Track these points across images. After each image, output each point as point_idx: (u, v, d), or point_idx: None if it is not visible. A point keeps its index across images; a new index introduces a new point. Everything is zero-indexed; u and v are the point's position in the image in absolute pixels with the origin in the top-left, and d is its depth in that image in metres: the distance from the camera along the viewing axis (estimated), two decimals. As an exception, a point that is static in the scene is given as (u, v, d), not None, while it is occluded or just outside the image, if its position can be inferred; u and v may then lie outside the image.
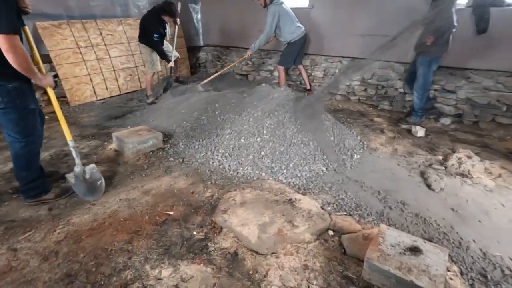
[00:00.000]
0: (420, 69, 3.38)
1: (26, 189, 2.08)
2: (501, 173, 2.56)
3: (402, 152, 2.96)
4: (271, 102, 2.89)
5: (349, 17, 4.28)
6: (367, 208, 2.10)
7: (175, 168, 2.62)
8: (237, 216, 1.87)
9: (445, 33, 3.12)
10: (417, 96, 3.50)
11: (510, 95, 3.40)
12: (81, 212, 2.04)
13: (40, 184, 2.11)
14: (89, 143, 3.07)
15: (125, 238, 1.80)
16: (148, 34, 3.91)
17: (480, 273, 1.60)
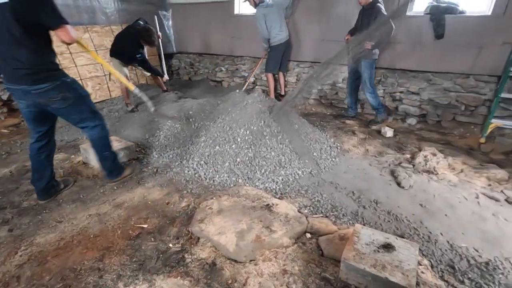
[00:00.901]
0: (366, 73, 3.64)
1: (113, 169, 2.38)
2: (463, 168, 2.73)
3: (373, 152, 3.08)
4: (245, 108, 2.90)
5: (317, 24, 4.42)
6: (342, 209, 2.15)
7: (148, 178, 2.54)
8: (214, 225, 1.84)
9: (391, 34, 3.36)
10: (371, 96, 3.75)
11: (467, 95, 3.66)
12: (46, 231, 1.91)
13: (119, 162, 2.44)
14: (55, 157, 2.89)
15: (96, 255, 1.70)
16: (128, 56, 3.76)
17: (448, 264, 1.68)
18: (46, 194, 2.21)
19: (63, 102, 1.91)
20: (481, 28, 3.35)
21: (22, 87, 1.79)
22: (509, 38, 3.23)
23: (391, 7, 3.77)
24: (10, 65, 1.75)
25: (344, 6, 4.11)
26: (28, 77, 1.76)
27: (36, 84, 1.78)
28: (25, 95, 1.84)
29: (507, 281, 1.57)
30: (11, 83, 1.83)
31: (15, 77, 1.78)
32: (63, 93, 1.88)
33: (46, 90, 1.82)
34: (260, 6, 4.14)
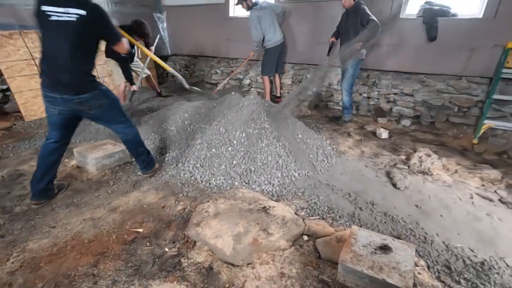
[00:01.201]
0: (351, 70, 3.72)
1: (147, 163, 2.52)
2: (457, 169, 2.76)
3: (369, 154, 3.09)
4: (241, 110, 2.89)
5: (312, 26, 4.45)
6: (339, 211, 2.15)
7: (143, 182, 2.51)
8: (210, 228, 1.82)
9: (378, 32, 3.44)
10: (347, 94, 3.86)
11: (459, 96, 3.71)
12: (38, 236, 1.87)
13: (152, 156, 2.57)
14: (48, 161, 2.85)
15: (90, 261, 1.68)
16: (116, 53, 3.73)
17: (444, 265, 1.69)
18: (42, 196, 2.18)
19: (100, 109, 2.08)
20: (473, 31, 3.40)
21: (65, 96, 1.92)
22: (500, 41, 3.28)
23: (385, 10, 3.83)
24: (57, 75, 1.87)
25: (338, 9, 4.14)
26: (72, 87, 1.92)
27: (79, 94, 1.94)
28: (64, 103, 1.95)
29: (502, 280, 1.59)
30: (53, 91, 1.92)
31: (59, 86, 1.90)
32: (100, 101, 2.06)
33: (87, 99, 1.98)
34: (254, 9, 4.16)
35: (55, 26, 1.78)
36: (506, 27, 3.21)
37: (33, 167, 2.71)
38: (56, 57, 1.84)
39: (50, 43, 1.83)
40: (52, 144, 2.12)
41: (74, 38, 1.81)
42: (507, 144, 3.34)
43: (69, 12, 1.76)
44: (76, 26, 1.79)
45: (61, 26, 1.78)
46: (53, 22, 1.77)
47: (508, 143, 3.34)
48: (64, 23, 1.77)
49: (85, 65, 1.96)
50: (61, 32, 1.79)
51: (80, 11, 1.78)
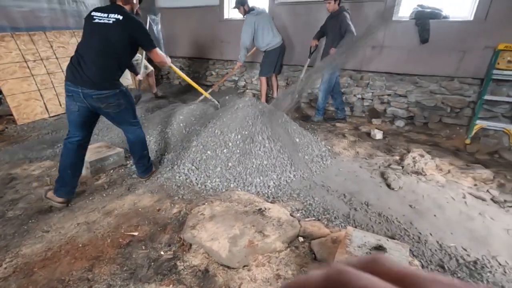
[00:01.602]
0: (327, 75, 3.81)
1: (147, 167, 2.55)
2: (450, 169, 2.80)
3: (364, 154, 3.12)
4: (236, 112, 2.89)
5: (306, 29, 4.48)
6: (334, 212, 2.16)
7: (138, 185, 2.50)
8: (206, 231, 1.82)
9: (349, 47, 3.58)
10: (322, 97, 3.96)
11: (452, 97, 3.76)
12: (32, 241, 1.85)
13: (151, 160, 2.63)
14: (41, 164, 2.82)
15: (85, 265, 1.66)
16: None
17: (438, 264, 1.72)
18: (71, 194, 2.22)
19: (117, 108, 2.16)
20: (464, 33, 3.46)
21: (86, 90, 2.00)
22: (491, 42, 3.34)
23: (378, 12, 3.87)
24: (87, 70, 1.99)
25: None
26: (96, 83, 2.01)
27: (100, 90, 2.03)
28: (84, 98, 2.03)
29: (494, 279, 1.61)
30: (76, 84, 2.00)
31: (84, 80, 1.99)
32: (118, 100, 2.15)
33: (107, 96, 2.07)
34: (251, 13, 4.16)
35: (95, 27, 2.01)
36: (496, 29, 3.27)
37: (26, 171, 2.69)
38: (89, 52, 2.01)
39: (87, 40, 2.04)
40: (77, 142, 2.17)
41: (107, 37, 2.00)
42: (498, 144, 3.40)
43: (109, 17, 2.00)
44: (111, 28, 1.99)
45: (99, 27, 2.00)
46: (94, 23, 2.01)
47: (500, 143, 3.40)
48: (102, 24, 1.99)
49: (113, 64, 2.08)
50: (98, 32, 2.00)
51: (117, 16, 2.00)
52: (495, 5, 3.23)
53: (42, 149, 3.13)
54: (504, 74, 3.25)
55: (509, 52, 3.21)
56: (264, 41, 4.30)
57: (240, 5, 4.18)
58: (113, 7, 2.05)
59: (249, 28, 4.18)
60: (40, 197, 2.29)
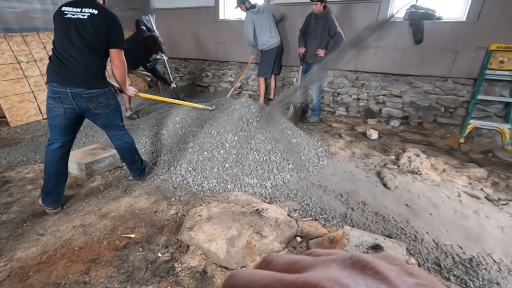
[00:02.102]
0: (317, 76, 3.88)
1: (141, 169, 2.52)
2: (444, 168, 2.83)
3: (360, 154, 3.14)
4: (232, 113, 2.89)
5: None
6: (331, 211, 2.17)
7: (135, 187, 2.48)
8: (204, 232, 1.81)
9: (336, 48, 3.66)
10: (316, 97, 4.07)
11: (446, 97, 3.81)
12: (26, 245, 1.83)
13: (144, 162, 2.57)
14: (35, 167, 2.79)
15: (81, 268, 1.64)
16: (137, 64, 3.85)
17: (435, 262, 1.73)
18: (58, 201, 2.15)
19: (106, 108, 2.09)
20: (457, 34, 3.50)
21: (75, 90, 1.93)
22: (483, 43, 3.39)
23: (372, 14, 3.90)
24: (72, 68, 1.92)
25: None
26: (85, 81, 1.95)
27: (90, 88, 1.98)
28: (73, 99, 1.95)
29: (489, 276, 1.63)
30: (63, 85, 1.92)
31: (71, 79, 1.92)
32: (108, 99, 2.09)
33: (97, 95, 2.01)
34: (251, 11, 4.17)
35: (69, 23, 1.88)
36: (488, 30, 3.32)
37: (19, 174, 2.65)
38: (75, 48, 1.90)
39: (63, 38, 1.90)
40: (59, 149, 2.07)
41: (85, 34, 1.90)
42: (491, 143, 3.45)
43: (82, 11, 1.90)
44: (87, 23, 1.89)
45: (74, 23, 1.88)
46: (68, 19, 1.88)
47: (493, 142, 3.45)
48: (76, 20, 1.88)
49: (100, 61, 2.00)
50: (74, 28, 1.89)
51: (91, 10, 1.90)
52: (486, 6, 3.28)
53: (36, 151, 3.09)
54: (497, 74, 3.31)
55: (501, 52, 3.26)
56: (261, 40, 4.31)
57: (241, 3, 4.20)
58: (84, 2, 1.92)
59: (248, 25, 4.23)
60: (34, 200, 2.26)
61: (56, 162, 2.07)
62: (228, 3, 5.17)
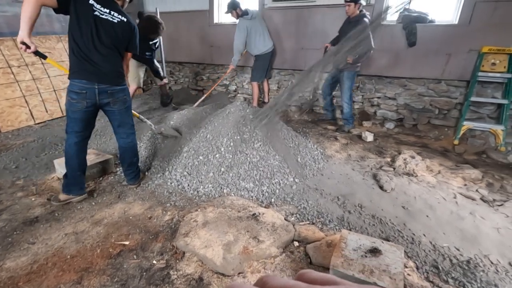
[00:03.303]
0: (346, 84, 3.71)
1: (137, 173, 2.52)
2: (440, 169, 2.84)
3: (355, 157, 3.14)
4: (227, 117, 2.87)
5: (296, 33, 4.52)
6: (328, 215, 2.16)
7: (129, 192, 2.44)
8: (199, 238, 1.78)
9: (363, 57, 3.51)
10: (347, 106, 3.83)
11: (439, 99, 3.84)
12: (17, 254, 1.77)
13: (139, 167, 2.59)
14: (26, 172, 2.72)
15: (73, 278, 1.60)
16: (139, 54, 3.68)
17: (432, 265, 1.72)
18: (84, 188, 2.32)
19: (122, 104, 2.23)
20: (450, 36, 3.55)
21: (102, 86, 2.07)
22: (475, 45, 3.44)
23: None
24: (101, 65, 2.04)
25: (321, 16, 4.24)
26: (112, 78, 2.11)
27: (115, 85, 2.14)
28: (98, 94, 2.07)
29: (487, 278, 1.63)
30: (92, 81, 2.03)
31: (101, 76, 2.05)
32: (125, 96, 2.24)
33: (118, 91, 2.16)
34: (244, 18, 4.14)
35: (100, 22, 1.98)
36: (480, 33, 3.37)
37: (9, 180, 2.59)
38: (98, 47, 2.01)
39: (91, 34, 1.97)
40: (80, 143, 2.19)
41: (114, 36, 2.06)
42: (485, 144, 3.48)
43: (112, 15, 2.02)
44: (117, 28, 2.05)
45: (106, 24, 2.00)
46: (98, 18, 1.97)
47: (486, 143, 3.48)
48: (107, 21, 2.00)
49: (119, 61, 2.17)
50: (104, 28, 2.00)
51: (121, 17, 2.07)
52: (477, 10, 3.33)
53: (27, 157, 3.03)
54: (489, 76, 3.35)
55: (493, 54, 3.31)
56: (256, 47, 4.31)
57: (232, 9, 4.17)
58: (111, 3, 2.03)
59: (242, 32, 4.18)
60: (25, 207, 2.21)
61: (79, 155, 2.21)
62: (223, 7, 5.16)
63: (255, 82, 4.61)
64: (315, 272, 0.26)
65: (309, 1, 4.23)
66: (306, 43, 4.48)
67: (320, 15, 4.24)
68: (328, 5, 4.13)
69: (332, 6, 4.11)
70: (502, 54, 3.28)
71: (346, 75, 3.68)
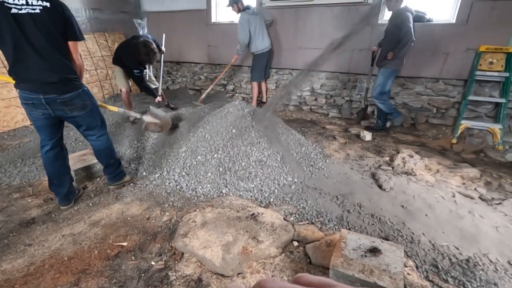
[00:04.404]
0: (380, 79, 3.55)
1: (116, 174, 2.42)
2: (438, 168, 2.85)
3: (354, 156, 3.13)
4: (226, 117, 2.86)
5: (294, 33, 4.51)
6: (327, 214, 2.15)
7: (126, 193, 2.42)
8: (198, 239, 1.77)
9: (404, 48, 3.32)
10: (380, 102, 3.64)
11: (437, 98, 3.85)
12: (13, 256, 1.75)
13: (122, 168, 2.48)
14: (22, 174, 2.70)
15: (71, 280, 1.58)
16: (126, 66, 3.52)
17: (432, 264, 1.72)
18: (67, 200, 2.21)
19: (82, 110, 2.01)
20: (447, 36, 3.55)
21: (49, 96, 1.84)
22: (473, 44, 3.44)
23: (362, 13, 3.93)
24: (40, 76, 1.79)
25: (319, 15, 4.24)
26: (59, 87, 1.85)
27: (64, 93, 1.88)
28: (48, 104, 1.87)
29: (487, 277, 1.63)
30: (36, 92, 1.82)
31: (45, 87, 1.82)
32: (83, 101, 2.00)
33: (71, 99, 1.92)
34: (246, 12, 4.14)
35: (19, 20, 1.64)
36: (477, 32, 3.38)
37: (5, 181, 2.56)
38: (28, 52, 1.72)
39: (13, 38, 1.66)
40: (50, 152, 2.06)
41: (40, 30, 1.70)
42: (483, 143, 3.49)
43: (31, 4, 1.65)
44: (40, 18, 1.68)
45: (25, 19, 1.65)
46: (14, 15, 1.62)
47: (484, 142, 3.49)
48: (26, 16, 1.64)
49: (62, 60, 1.85)
50: (26, 25, 1.66)
51: (42, 3, 1.68)
52: (475, 9, 3.33)
53: (23, 158, 3.00)
54: (486, 75, 3.36)
55: (490, 53, 3.32)
56: (254, 43, 4.30)
57: (234, 2, 4.17)
58: None
59: (244, 25, 4.17)
60: (21, 209, 2.18)
61: (51, 164, 2.09)
62: (220, 6, 5.15)
63: (255, 82, 4.60)
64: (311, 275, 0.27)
65: (307, 0, 4.22)
66: (304, 43, 4.48)
67: (318, 14, 4.23)
68: (326, 4, 4.12)
69: (330, 5, 4.11)
70: (499, 53, 3.29)
71: (381, 72, 3.55)
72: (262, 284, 0.25)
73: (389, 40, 3.41)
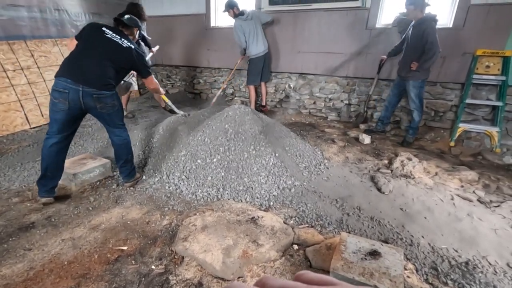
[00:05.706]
0: (414, 91, 3.41)
1: (131, 170, 2.55)
2: (437, 171, 2.86)
3: (353, 159, 3.15)
4: (225, 120, 2.87)
5: (293, 37, 4.55)
6: (327, 218, 2.16)
7: (126, 197, 2.42)
8: (198, 243, 1.77)
9: (430, 60, 3.21)
10: (418, 115, 3.52)
11: (435, 101, 3.88)
12: (12, 260, 1.74)
13: (134, 165, 2.60)
14: (21, 178, 2.69)
15: (71, 284, 1.57)
16: None
17: (432, 267, 1.73)
18: (52, 192, 2.29)
19: (111, 108, 2.28)
20: (444, 40, 3.58)
21: (88, 89, 2.10)
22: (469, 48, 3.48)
23: (360, 21, 3.96)
24: (90, 69, 2.12)
25: (317, 20, 4.28)
26: (100, 84, 2.15)
27: (101, 90, 2.17)
28: (82, 97, 2.10)
29: (486, 279, 1.63)
30: (77, 83, 2.07)
31: (87, 79, 2.10)
32: (113, 101, 2.29)
33: (106, 96, 2.21)
34: (239, 18, 4.19)
35: (106, 39, 2.18)
36: (474, 36, 3.41)
37: (4, 185, 2.55)
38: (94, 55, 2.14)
39: (93, 45, 2.17)
40: (56, 145, 2.18)
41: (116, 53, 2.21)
42: (480, 145, 3.52)
43: (122, 40, 2.23)
44: (123, 50, 2.22)
45: (112, 42, 2.19)
46: (106, 37, 2.18)
47: (482, 145, 3.52)
48: (114, 42, 2.20)
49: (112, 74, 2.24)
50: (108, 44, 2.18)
51: (131, 45, 2.26)
52: (472, 13, 3.38)
53: (22, 162, 2.99)
54: (483, 78, 3.39)
55: (487, 57, 3.36)
56: (249, 48, 4.34)
57: (229, 8, 4.21)
58: (122, 33, 2.29)
59: (237, 32, 4.25)
60: (20, 213, 2.18)
61: (52, 157, 2.20)
62: (219, 10, 5.19)
63: (251, 85, 4.63)
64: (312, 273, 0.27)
65: (306, 5, 4.26)
66: (302, 47, 4.51)
67: (316, 19, 4.27)
68: (325, 9, 4.16)
69: (328, 10, 4.15)
70: (496, 57, 3.33)
71: (412, 85, 3.39)
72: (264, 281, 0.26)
73: (413, 50, 3.30)
